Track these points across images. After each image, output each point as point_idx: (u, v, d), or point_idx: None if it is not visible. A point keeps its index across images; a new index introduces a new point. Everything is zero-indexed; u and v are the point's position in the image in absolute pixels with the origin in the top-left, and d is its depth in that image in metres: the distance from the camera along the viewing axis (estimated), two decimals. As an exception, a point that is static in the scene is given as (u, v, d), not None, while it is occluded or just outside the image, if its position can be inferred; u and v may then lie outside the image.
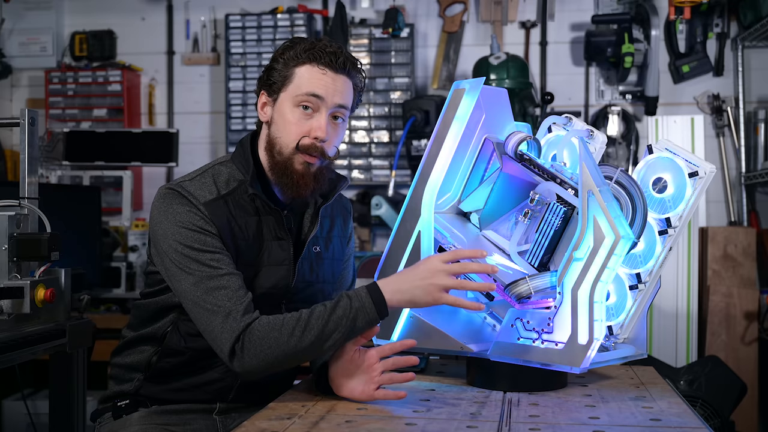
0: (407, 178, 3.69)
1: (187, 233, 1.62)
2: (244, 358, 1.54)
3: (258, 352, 1.54)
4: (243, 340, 1.54)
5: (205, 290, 1.58)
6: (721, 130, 3.70)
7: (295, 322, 1.54)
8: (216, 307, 1.56)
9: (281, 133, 1.68)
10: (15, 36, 4.07)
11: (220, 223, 1.64)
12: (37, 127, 1.94)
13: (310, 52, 1.66)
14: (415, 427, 1.40)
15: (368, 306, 1.55)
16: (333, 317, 1.54)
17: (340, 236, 1.87)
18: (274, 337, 1.53)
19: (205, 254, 1.60)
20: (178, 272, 1.61)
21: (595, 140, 1.85)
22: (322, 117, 1.67)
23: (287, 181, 1.69)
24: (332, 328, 1.54)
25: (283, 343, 1.53)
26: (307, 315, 1.55)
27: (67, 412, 1.98)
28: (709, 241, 3.41)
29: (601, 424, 1.42)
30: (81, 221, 3.34)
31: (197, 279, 1.59)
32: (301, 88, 1.66)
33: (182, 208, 1.63)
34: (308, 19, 3.83)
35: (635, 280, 1.79)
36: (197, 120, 4.04)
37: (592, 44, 3.65)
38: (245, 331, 1.54)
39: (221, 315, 1.56)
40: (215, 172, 1.72)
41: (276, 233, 1.72)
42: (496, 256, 1.73)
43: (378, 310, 1.55)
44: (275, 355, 1.54)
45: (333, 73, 1.67)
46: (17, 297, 1.78)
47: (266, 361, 1.54)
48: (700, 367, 3.10)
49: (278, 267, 1.71)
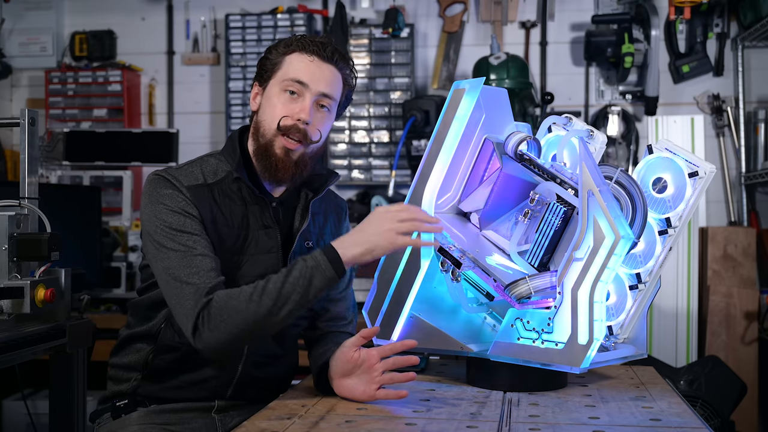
0: (407, 178, 3.69)
1: (169, 214, 1.64)
2: (205, 332, 1.56)
3: (218, 323, 1.55)
4: (203, 315, 1.56)
5: (178, 268, 1.60)
6: (721, 130, 3.70)
7: (252, 288, 1.56)
8: (185, 285, 1.58)
9: (266, 116, 1.71)
10: (15, 36, 4.07)
11: (202, 207, 1.67)
12: (37, 127, 1.94)
13: (299, 41, 1.71)
14: (415, 427, 1.40)
15: (323, 264, 1.56)
16: (289, 279, 1.55)
17: (333, 234, 1.88)
18: (233, 306, 1.55)
19: (183, 235, 1.62)
20: (156, 252, 1.64)
21: (595, 140, 1.85)
22: (306, 101, 1.69)
23: (267, 165, 1.71)
24: (289, 290, 1.55)
25: (242, 310, 1.54)
26: (264, 281, 1.57)
27: (67, 412, 1.98)
28: (709, 241, 3.41)
29: (601, 424, 1.42)
30: (81, 221, 3.34)
31: (173, 258, 1.61)
32: (288, 74, 1.70)
33: (166, 191, 1.66)
34: (308, 19, 3.83)
35: (635, 280, 1.80)
36: (197, 120, 4.04)
37: (592, 44, 3.65)
38: (206, 306, 1.56)
39: (188, 293, 1.58)
40: (203, 162, 1.75)
41: (262, 222, 1.73)
42: (496, 256, 1.73)
43: (334, 268, 1.57)
44: (235, 323, 1.54)
45: (320, 61, 1.70)
46: (17, 297, 1.78)
47: (227, 332, 1.55)
48: (700, 367, 3.10)
49: (266, 255, 1.72)
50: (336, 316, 1.88)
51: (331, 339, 1.83)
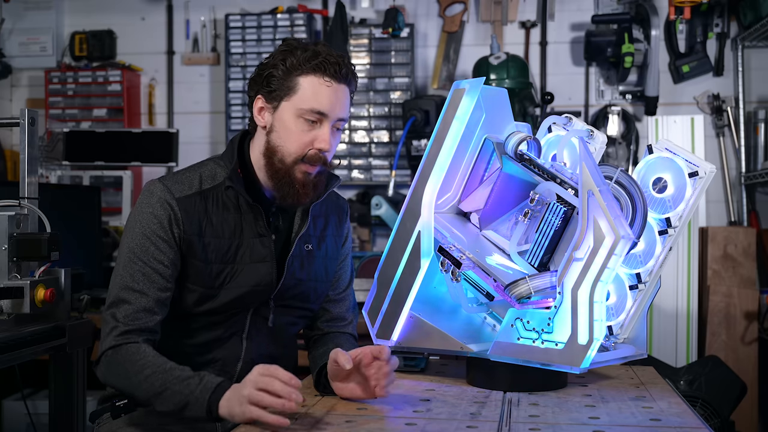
0: (407, 178, 3.69)
1: (139, 237, 1.65)
2: (101, 371, 1.63)
3: (109, 374, 1.62)
4: (108, 354, 1.61)
5: (121, 290, 1.63)
6: (721, 130, 3.70)
7: (140, 368, 1.56)
8: (112, 314, 1.62)
9: (283, 142, 1.69)
10: (15, 36, 4.07)
11: (189, 222, 1.66)
12: (37, 127, 1.94)
13: (314, 63, 1.66)
14: (415, 427, 1.40)
15: (201, 400, 1.47)
16: (175, 386, 1.51)
17: (334, 235, 1.87)
18: (122, 371, 1.58)
19: (139, 263, 1.64)
20: (118, 264, 1.67)
21: (595, 140, 1.85)
22: (325, 129, 1.68)
23: (289, 190, 1.70)
24: (167, 396, 1.52)
25: (123, 378, 1.59)
26: (159, 369, 1.54)
27: (67, 412, 1.98)
28: (709, 241, 3.41)
29: (601, 424, 1.42)
30: (81, 221, 3.34)
31: (120, 277, 1.64)
32: (306, 102, 1.66)
33: (149, 209, 1.66)
34: (308, 19, 3.83)
35: (635, 280, 1.79)
36: (197, 120, 4.04)
37: (592, 44, 3.65)
38: (114, 348, 1.60)
39: (110, 325, 1.61)
40: (203, 167, 1.75)
41: (257, 230, 1.72)
42: (496, 256, 1.73)
43: (209, 408, 1.47)
44: (122, 384, 1.61)
45: (336, 83, 1.68)
46: (17, 297, 1.78)
47: (116, 384, 1.62)
48: (700, 367, 3.10)
49: (260, 264, 1.72)
50: (336, 317, 1.88)
51: (330, 339, 1.83)
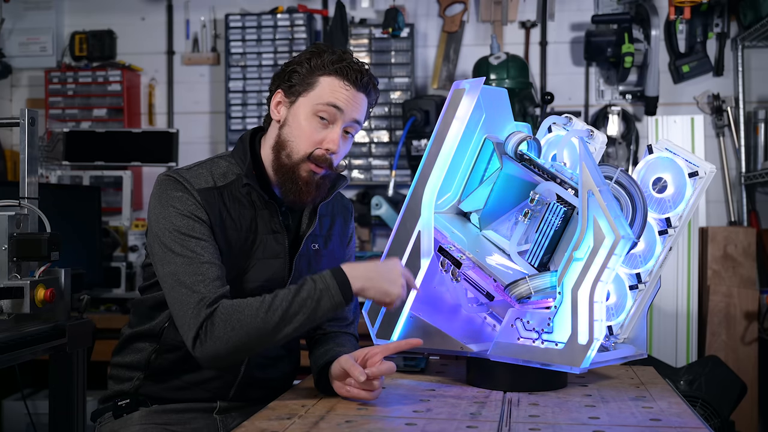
0: (407, 178, 3.69)
1: (178, 217, 1.63)
2: (207, 342, 1.53)
3: (221, 334, 1.53)
4: (206, 325, 1.54)
5: (184, 274, 1.58)
6: (721, 130, 3.70)
7: (258, 303, 1.54)
8: (190, 292, 1.56)
9: (293, 138, 1.70)
10: (15, 36, 4.07)
11: (212, 211, 1.66)
12: (37, 127, 1.94)
13: (338, 65, 1.69)
14: (415, 427, 1.40)
15: (333, 288, 1.55)
16: (297, 299, 1.54)
17: (340, 235, 1.88)
18: (237, 319, 1.53)
19: (191, 240, 1.61)
20: (163, 255, 1.62)
21: (595, 140, 1.85)
22: (336, 129, 1.69)
23: (291, 187, 1.70)
24: (296, 309, 1.54)
25: (246, 324, 1.53)
26: (270, 297, 1.55)
27: (67, 412, 1.97)
28: (709, 241, 3.41)
29: (601, 424, 1.42)
30: (81, 221, 3.34)
31: (179, 263, 1.59)
32: (323, 98, 1.68)
33: (177, 193, 1.65)
34: (308, 19, 3.83)
35: (635, 280, 1.79)
36: (197, 120, 4.04)
37: (592, 44, 3.65)
38: (210, 316, 1.54)
39: (192, 301, 1.56)
40: (213, 164, 1.74)
41: (271, 227, 1.72)
42: (496, 256, 1.73)
43: (343, 293, 1.56)
44: (238, 336, 1.53)
45: (355, 90, 1.70)
46: (17, 297, 1.78)
47: (228, 344, 1.53)
48: (700, 367, 3.10)
49: (273, 260, 1.72)
50: (338, 316, 1.88)
51: (332, 339, 1.83)
